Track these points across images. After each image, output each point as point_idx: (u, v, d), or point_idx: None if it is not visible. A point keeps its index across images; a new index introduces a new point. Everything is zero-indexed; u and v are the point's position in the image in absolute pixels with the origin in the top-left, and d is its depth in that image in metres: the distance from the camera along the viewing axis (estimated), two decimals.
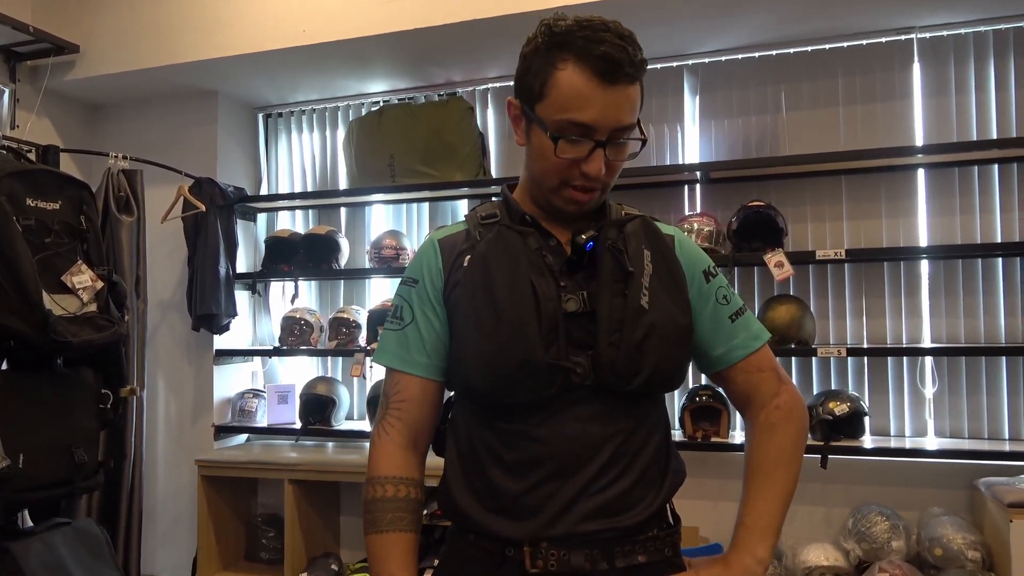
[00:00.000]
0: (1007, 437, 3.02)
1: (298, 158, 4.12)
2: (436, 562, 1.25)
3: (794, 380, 3.21)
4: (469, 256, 1.18)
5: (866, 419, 3.01)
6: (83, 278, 2.12)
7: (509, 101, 1.21)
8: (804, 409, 1.26)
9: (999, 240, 3.05)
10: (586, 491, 1.12)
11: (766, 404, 1.23)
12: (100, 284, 2.18)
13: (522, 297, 1.12)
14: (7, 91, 3.56)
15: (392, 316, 1.24)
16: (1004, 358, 3.03)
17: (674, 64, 3.44)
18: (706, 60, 3.41)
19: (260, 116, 4.13)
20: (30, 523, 2.32)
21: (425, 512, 3.21)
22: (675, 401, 3.28)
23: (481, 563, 1.15)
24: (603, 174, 1.13)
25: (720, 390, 2.08)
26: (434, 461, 1.29)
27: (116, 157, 3.34)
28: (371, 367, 3.61)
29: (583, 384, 1.13)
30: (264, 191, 4.11)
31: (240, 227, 3.84)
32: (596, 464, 1.13)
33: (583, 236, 1.16)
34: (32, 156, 2.82)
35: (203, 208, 3.50)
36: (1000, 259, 3.05)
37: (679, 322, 1.17)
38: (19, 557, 1.95)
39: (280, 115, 4.14)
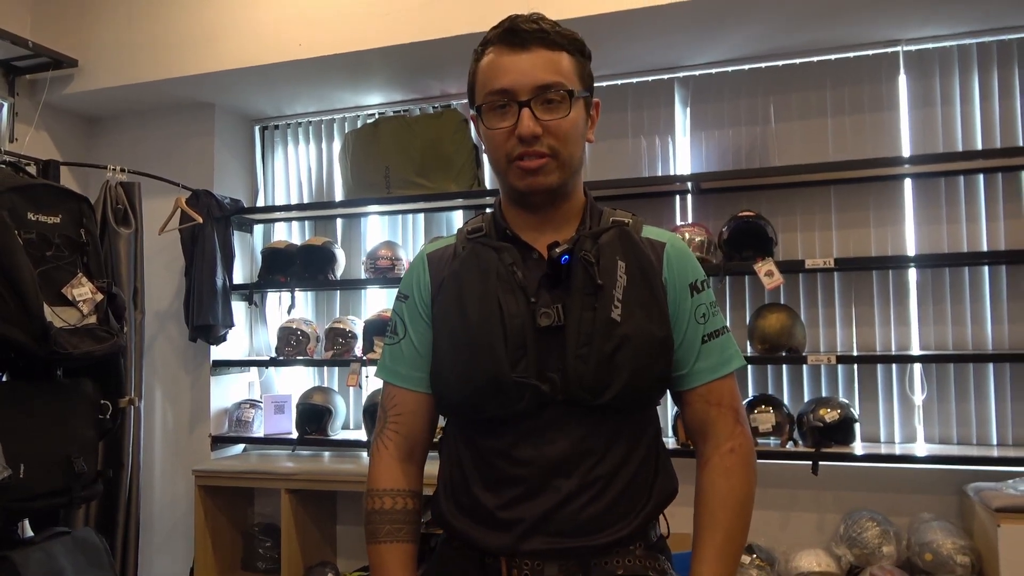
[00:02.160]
0: (995, 443, 3.06)
1: (294, 170, 4.16)
2: (422, 571, 1.28)
3: (784, 388, 3.28)
4: (448, 272, 1.22)
5: (856, 426, 3.05)
6: (83, 290, 2.15)
7: (472, 118, 1.24)
8: (755, 455, 1.23)
9: (985, 249, 3.10)
10: (560, 510, 1.13)
11: (720, 445, 1.19)
12: (100, 296, 2.21)
13: (490, 315, 1.14)
14: (6, 105, 3.60)
15: (389, 331, 1.29)
16: (992, 365, 3.07)
17: (665, 76, 3.50)
18: (697, 72, 3.46)
19: (256, 128, 4.17)
20: (30, 533, 2.34)
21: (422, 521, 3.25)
22: (667, 409, 3.31)
23: (463, 571, 1.18)
24: (537, 132, 1.11)
25: None
26: (430, 469, 1.33)
27: (114, 170, 3.37)
28: (367, 377, 3.64)
29: (556, 400, 1.13)
30: (260, 203, 4.14)
31: (237, 238, 3.88)
32: (570, 483, 1.13)
33: (556, 250, 1.15)
34: (32, 170, 2.86)
35: (200, 220, 3.53)
36: (986, 267, 3.10)
37: (655, 335, 1.14)
38: (20, 566, 1.97)
39: (276, 127, 4.18)
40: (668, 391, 1.25)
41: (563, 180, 1.17)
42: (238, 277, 3.87)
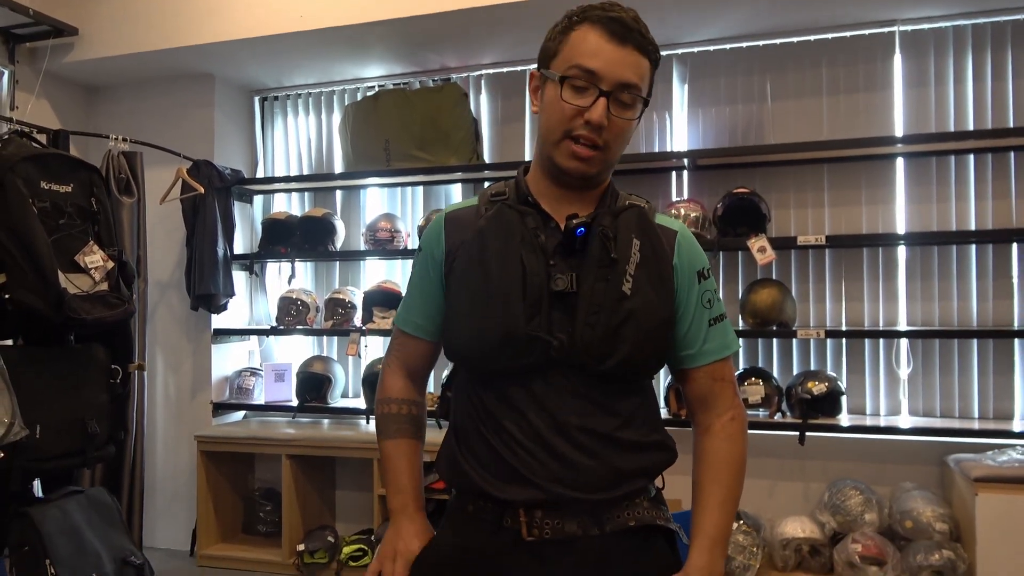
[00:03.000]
0: (976, 416, 3.17)
1: (294, 141, 4.18)
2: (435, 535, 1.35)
3: (774, 361, 3.37)
4: (471, 231, 1.28)
5: (843, 398, 3.14)
6: (95, 258, 2.20)
7: (531, 73, 1.29)
8: (747, 424, 1.33)
9: (973, 228, 3.17)
10: (566, 462, 1.19)
11: (723, 414, 1.28)
12: (111, 264, 2.27)
13: (511, 271, 1.21)
14: (6, 73, 3.61)
15: (409, 280, 1.40)
16: (975, 340, 3.16)
17: (664, 53, 3.50)
18: (695, 50, 3.50)
19: (256, 99, 4.19)
20: (40, 494, 2.41)
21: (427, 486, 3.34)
22: (661, 380, 3.40)
23: (478, 532, 1.24)
24: (604, 124, 1.18)
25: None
26: (431, 437, 1.41)
27: (116, 139, 3.40)
28: (366, 347, 3.71)
29: (562, 359, 1.19)
30: (260, 174, 4.17)
31: (237, 208, 3.92)
32: (575, 436, 1.20)
33: (574, 222, 1.21)
34: (42, 139, 2.88)
35: (202, 190, 3.56)
36: (974, 246, 3.18)
37: (660, 313, 1.22)
38: (37, 522, 2.06)
39: (276, 98, 4.20)
40: (669, 368, 1.33)
41: (600, 171, 1.25)
42: (239, 247, 3.91)
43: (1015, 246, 3.12)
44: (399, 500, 1.35)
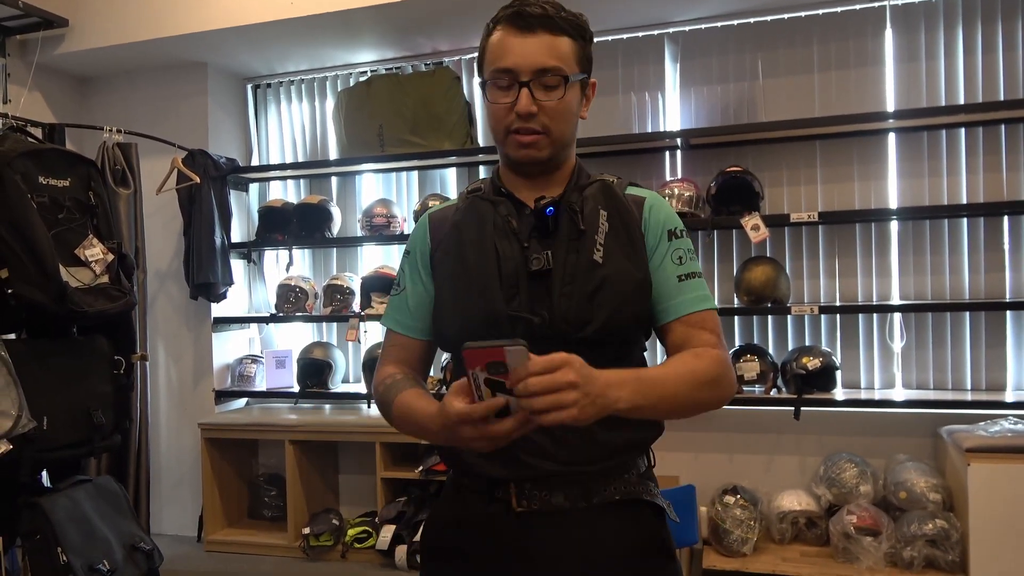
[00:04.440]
0: (969, 387, 3.21)
1: (288, 128, 4.19)
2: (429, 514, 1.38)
3: (769, 338, 3.40)
4: (449, 226, 1.34)
5: (838, 373, 3.18)
6: (95, 251, 2.23)
7: (480, 84, 1.34)
8: (731, 371, 1.24)
9: (964, 201, 3.20)
10: (553, 437, 1.22)
11: (697, 346, 1.23)
12: (111, 257, 2.30)
13: (487, 258, 1.27)
14: None
15: (395, 284, 1.42)
16: (968, 313, 3.20)
17: (655, 32, 3.53)
18: (686, 28, 3.50)
19: (249, 87, 4.19)
20: (48, 483, 2.46)
21: (421, 468, 3.39)
22: (656, 356, 3.44)
23: (473, 503, 1.29)
24: (532, 111, 1.21)
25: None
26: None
27: (111, 131, 3.40)
28: (365, 332, 3.74)
29: (546, 336, 1.22)
30: (255, 162, 4.18)
31: (233, 197, 3.93)
32: None
33: (541, 202, 1.27)
34: (38, 133, 2.90)
35: (197, 180, 3.58)
36: (965, 219, 3.20)
37: (633, 276, 1.26)
38: (48, 510, 2.11)
39: (269, 86, 4.19)
40: (652, 331, 1.34)
41: (554, 154, 1.29)
42: (236, 236, 3.93)
43: (1006, 219, 3.15)
44: (431, 413, 1.21)
